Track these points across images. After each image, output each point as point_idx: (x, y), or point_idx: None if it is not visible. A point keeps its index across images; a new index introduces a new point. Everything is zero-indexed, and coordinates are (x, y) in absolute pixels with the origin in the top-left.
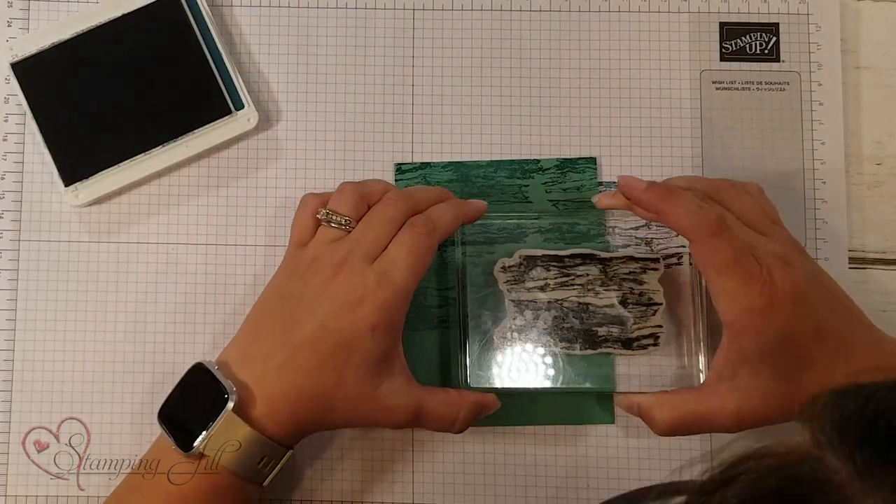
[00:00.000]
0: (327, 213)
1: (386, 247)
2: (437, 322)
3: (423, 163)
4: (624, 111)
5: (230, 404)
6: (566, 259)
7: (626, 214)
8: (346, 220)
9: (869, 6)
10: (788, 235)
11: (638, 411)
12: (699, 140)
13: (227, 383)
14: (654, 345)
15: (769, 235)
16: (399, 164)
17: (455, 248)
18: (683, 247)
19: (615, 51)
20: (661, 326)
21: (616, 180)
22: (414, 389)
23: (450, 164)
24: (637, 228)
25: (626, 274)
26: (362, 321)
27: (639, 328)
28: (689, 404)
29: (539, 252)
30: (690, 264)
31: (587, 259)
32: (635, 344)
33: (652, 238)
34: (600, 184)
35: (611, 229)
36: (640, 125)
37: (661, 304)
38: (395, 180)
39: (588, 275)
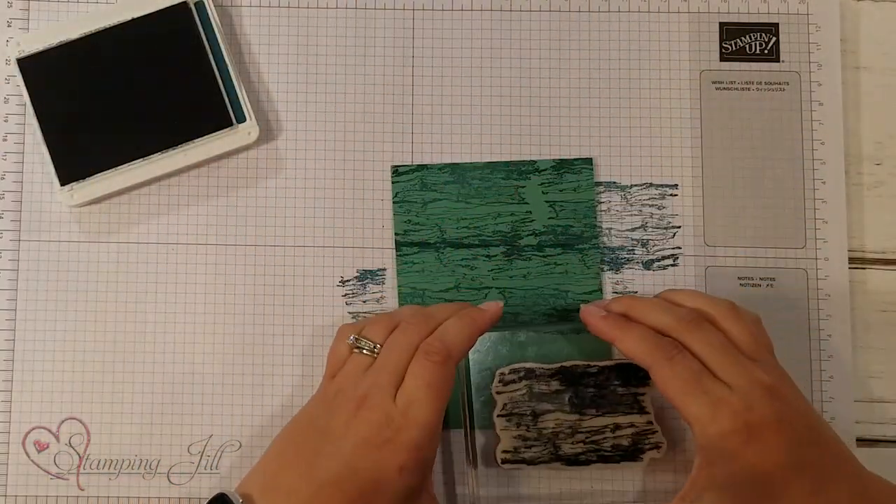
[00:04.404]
0: (356, 339)
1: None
2: None
3: (419, 165)
4: (623, 111)
5: None
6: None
7: (621, 216)
8: (373, 346)
9: (869, 6)
10: (779, 367)
11: None
12: (699, 140)
13: None
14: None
15: (760, 362)
16: (396, 167)
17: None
18: (679, 248)
19: (615, 51)
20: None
21: (615, 181)
22: None
23: (446, 165)
24: (633, 230)
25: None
26: (389, 462)
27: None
28: None
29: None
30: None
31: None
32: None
33: (648, 240)
34: (598, 183)
35: (607, 231)
36: (640, 125)
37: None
38: (392, 182)
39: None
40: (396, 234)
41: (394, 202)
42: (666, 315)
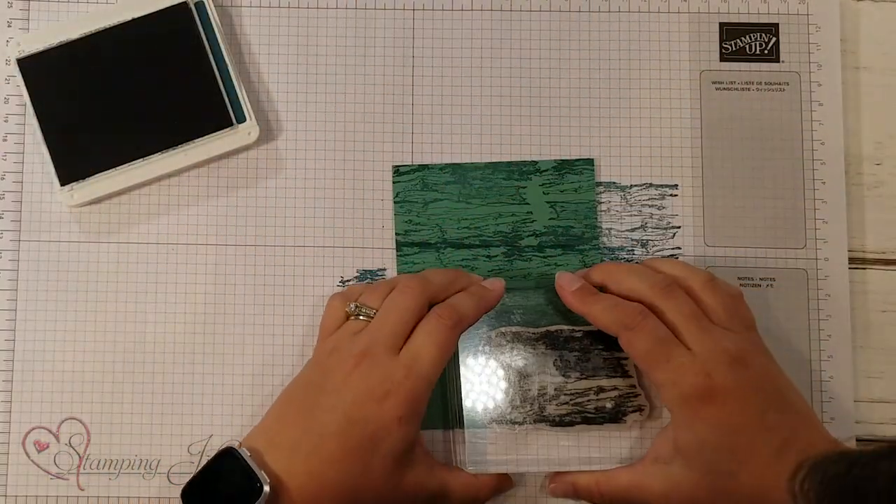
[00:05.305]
0: (356, 306)
1: (408, 335)
2: None
3: (420, 165)
4: (623, 111)
5: (263, 495)
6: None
7: (621, 216)
8: (372, 311)
9: (869, 6)
10: (753, 339)
11: (573, 491)
12: (699, 140)
13: (260, 473)
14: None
15: (730, 332)
16: (397, 167)
17: None
18: (679, 248)
19: (615, 51)
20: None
21: (615, 181)
22: (437, 473)
23: (447, 165)
24: (633, 230)
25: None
26: (389, 413)
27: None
28: (620, 480)
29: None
30: None
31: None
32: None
33: (648, 240)
34: (598, 184)
35: (607, 231)
36: (640, 125)
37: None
38: (393, 182)
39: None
40: (397, 234)
41: (395, 202)
42: (641, 282)
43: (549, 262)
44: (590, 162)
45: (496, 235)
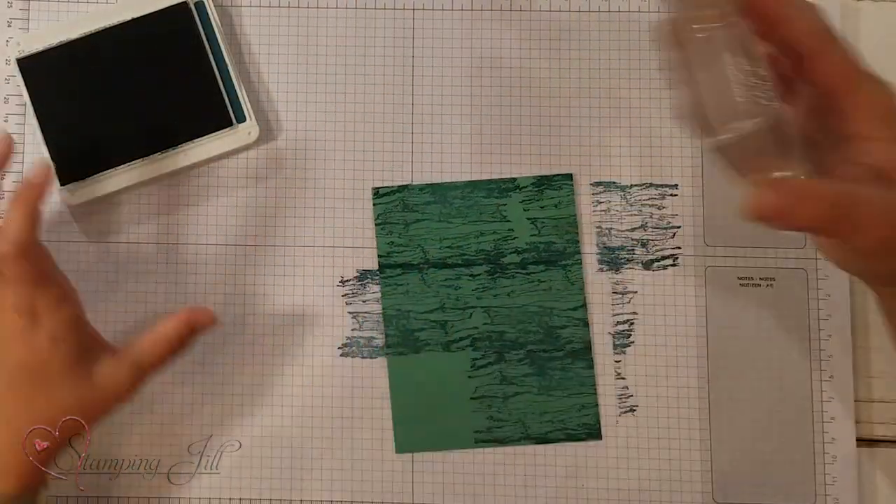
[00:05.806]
0: None
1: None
2: (444, 344)
3: (400, 186)
4: (623, 111)
5: None
6: None
7: (621, 216)
8: None
9: (869, 6)
10: None
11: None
12: (699, 140)
13: None
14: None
15: None
16: (376, 189)
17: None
18: (679, 248)
19: (615, 51)
20: None
21: (615, 181)
22: (122, 356)
23: (427, 186)
24: (633, 230)
25: None
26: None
27: None
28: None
29: None
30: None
31: None
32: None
33: (648, 240)
34: (598, 184)
35: (607, 231)
36: (640, 125)
37: None
38: (374, 204)
39: None
40: (380, 256)
41: (376, 224)
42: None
43: (533, 279)
44: (568, 177)
45: (479, 254)
